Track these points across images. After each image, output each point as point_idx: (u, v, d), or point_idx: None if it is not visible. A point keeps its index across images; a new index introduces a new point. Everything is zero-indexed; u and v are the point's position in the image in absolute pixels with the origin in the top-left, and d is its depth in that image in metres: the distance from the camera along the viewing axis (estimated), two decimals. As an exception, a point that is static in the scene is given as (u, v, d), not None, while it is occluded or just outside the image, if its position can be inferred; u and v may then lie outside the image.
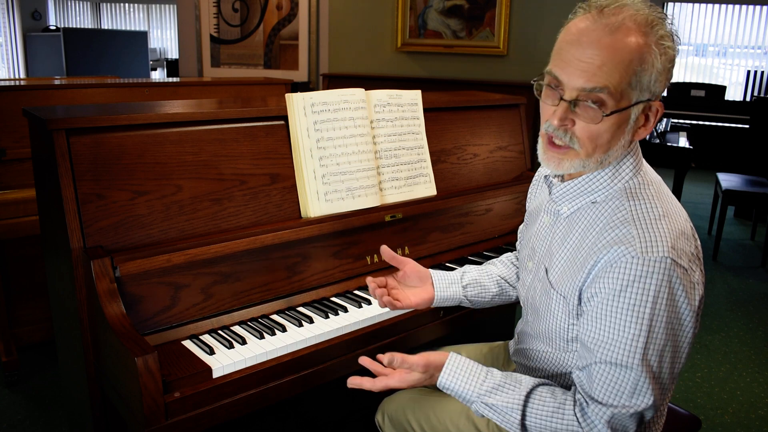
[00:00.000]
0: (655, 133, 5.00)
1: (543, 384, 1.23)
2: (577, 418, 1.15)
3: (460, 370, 1.23)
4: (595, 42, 1.10)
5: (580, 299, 1.20)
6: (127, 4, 12.04)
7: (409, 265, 1.55)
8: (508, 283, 1.62)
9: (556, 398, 1.18)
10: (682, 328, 1.11)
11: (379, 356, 1.26)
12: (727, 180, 4.89)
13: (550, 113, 1.17)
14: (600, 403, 1.13)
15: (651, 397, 1.10)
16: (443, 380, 1.24)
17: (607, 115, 1.11)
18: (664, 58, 1.11)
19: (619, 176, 1.20)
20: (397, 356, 1.24)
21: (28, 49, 9.64)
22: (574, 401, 1.17)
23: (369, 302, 1.68)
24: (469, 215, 2.10)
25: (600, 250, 1.14)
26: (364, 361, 1.28)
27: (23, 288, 2.78)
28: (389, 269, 1.86)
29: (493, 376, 1.23)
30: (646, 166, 1.26)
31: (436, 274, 1.56)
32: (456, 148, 2.17)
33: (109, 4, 12.02)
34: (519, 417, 1.18)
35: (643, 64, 1.09)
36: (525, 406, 1.18)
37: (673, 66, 1.15)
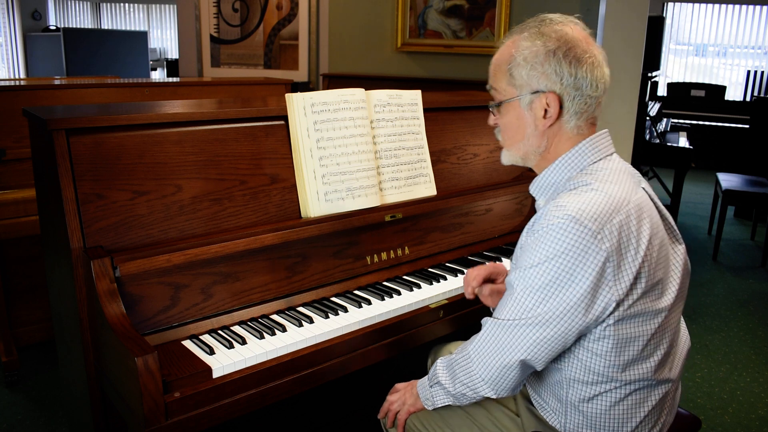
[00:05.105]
0: (655, 133, 5.00)
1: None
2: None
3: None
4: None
5: None
6: (127, 4, 12.03)
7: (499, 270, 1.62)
8: None
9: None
10: (573, 278, 1.16)
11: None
12: (727, 180, 4.89)
13: None
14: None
15: (513, 311, 1.22)
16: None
17: (496, 106, 1.33)
18: (529, 52, 1.24)
19: (571, 165, 1.29)
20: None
21: (28, 49, 9.62)
22: None
23: (369, 302, 1.68)
24: (469, 215, 2.10)
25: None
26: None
27: (23, 288, 2.78)
28: (389, 269, 1.87)
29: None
30: (614, 161, 1.30)
31: None
32: (456, 148, 2.17)
33: (109, 4, 12.01)
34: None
35: (511, 62, 1.27)
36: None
37: (551, 58, 1.23)
